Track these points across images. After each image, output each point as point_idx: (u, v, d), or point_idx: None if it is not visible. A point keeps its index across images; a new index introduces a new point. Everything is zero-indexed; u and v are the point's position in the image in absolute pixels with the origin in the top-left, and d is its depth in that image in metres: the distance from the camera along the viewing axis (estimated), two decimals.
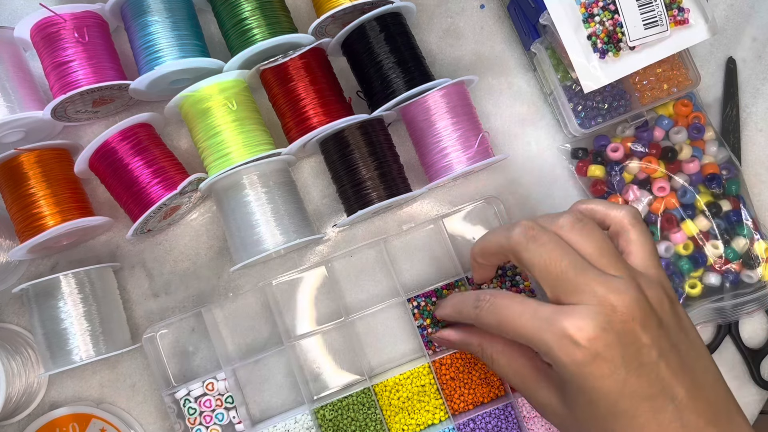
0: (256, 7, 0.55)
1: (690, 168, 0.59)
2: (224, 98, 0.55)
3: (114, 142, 0.55)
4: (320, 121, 0.56)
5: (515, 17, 0.62)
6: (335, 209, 0.62)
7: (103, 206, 0.61)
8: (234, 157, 0.55)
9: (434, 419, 0.59)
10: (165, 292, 0.61)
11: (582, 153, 0.61)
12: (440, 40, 0.64)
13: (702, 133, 0.60)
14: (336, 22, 0.58)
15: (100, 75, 0.55)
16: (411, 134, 0.59)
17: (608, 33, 0.54)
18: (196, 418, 0.58)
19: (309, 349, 0.60)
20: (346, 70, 0.60)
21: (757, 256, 0.58)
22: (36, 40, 0.55)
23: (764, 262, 0.58)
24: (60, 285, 0.55)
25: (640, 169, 0.59)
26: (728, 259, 0.58)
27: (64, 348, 0.55)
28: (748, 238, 0.58)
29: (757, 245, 0.58)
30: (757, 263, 0.58)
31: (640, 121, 0.60)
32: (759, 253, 0.58)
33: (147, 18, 0.55)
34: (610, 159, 0.60)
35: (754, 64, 0.63)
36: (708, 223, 0.58)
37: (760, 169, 0.62)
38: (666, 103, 0.60)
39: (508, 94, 0.63)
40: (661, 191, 0.59)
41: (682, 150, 0.59)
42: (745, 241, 0.58)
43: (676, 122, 0.60)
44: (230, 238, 0.56)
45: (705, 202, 0.59)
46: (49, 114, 0.56)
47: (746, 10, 0.64)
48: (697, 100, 0.61)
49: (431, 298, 0.59)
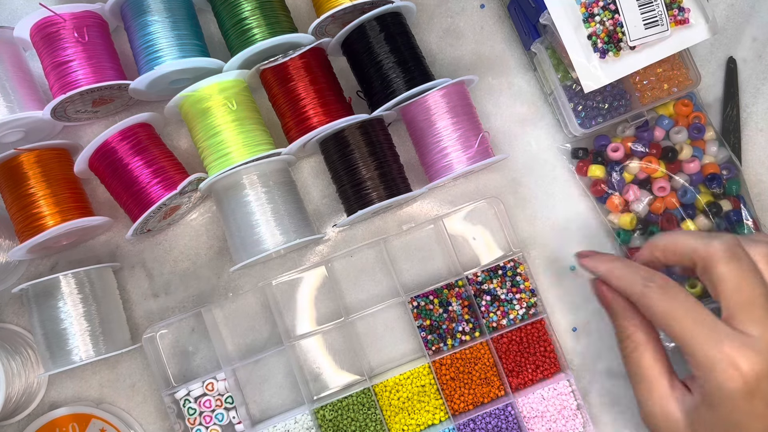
0: (256, 7, 0.55)
1: (690, 168, 0.59)
2: (224, 98, 0.55)
3: (114, 142, 0.55)
4: (320, 121, 0.56)
5: (515, 17, 0.62)
6: (335, 209, 0.62)
7: (103, 206, 0.61)
8: (234, 157, 0.55)
9: (434, 419, 0.59)
10: (165, 292, 0.61)
11: (582, 153, 0.61)
12: (440, 40, 0.63)
13: (702, 133, 0.60)
14: (336, 21, 0.58)
15: (99, 75, 0.55)
16: (411, 134, 0.59)
17: (608, 33, 0.54)
18: (196, 418, 0.58)
19: (309, 349, 0.60)
20: (346, 70, 0.60)
21: None
22: (36, 39, 0.55)
23: None
24: (60, 285, 0.55)
25: (640, 168, 0.59)
26: None
27: (64, 348, 0.55)
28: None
29: None
30: None
31: (641, 121, 0.60)
32: None
33: (147, 18, 0.55)
34: (611, 159, 0.60)
35: (755, 63, 0.63)
36: (708, 222, 0.58)
37: (761, 169, 0.62)
38: (666, 103, 0.60)
39: (508, 93, 0.63)
40: (661, 191, 0.59)
41: (682, 150, 0.59)
42: None
43: (677, 122, 0.60)
44: (230, 238, 0.56)
45: (705, 202, 0.59)
46: (48, 114, 0.56)
47: (746, 10, 0.64)
48: (697, 100, 0.61)
49: (431, 297, 0.59)
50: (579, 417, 0.58)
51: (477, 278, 0.59)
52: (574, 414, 0.58)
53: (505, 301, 0.59)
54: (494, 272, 0.59)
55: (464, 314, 0.59)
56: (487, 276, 0.59)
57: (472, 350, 0.59)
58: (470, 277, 0.59)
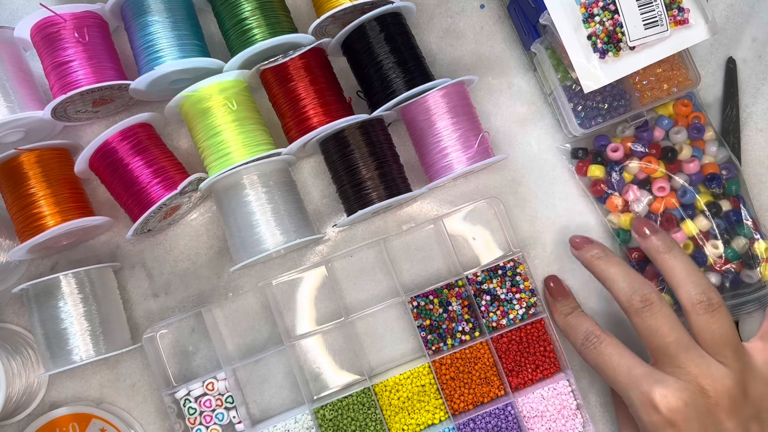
0: (256, 7, 0.55)
1: (690, 168, 0.59)
2: (224, 98, 0.55)
3: (114, 142, 0.55)
4: (320, 121, 0.56)
5: (515, 17, 0.62)
6: (335, 209, 0.62)
7: (103, 206, 0.61)
8: (234, 157, 0.55)
9: (434, 419, 0.59)
10: (165, 292, 0.61)
11: (582, 153, 0.61)
12: (440, 40, 0.63)
13: (702, 133, 0.60)
14: (336, 22, 0.58)
15: (100, 75, 0.55)
16: (411, 134, 0.59)
17: (608, 33, 0.54)
18: (196, 418, 0.58)
19: (309, 349, 0.60)
20: (346, 70, 0.60)
21: (757, 255, 0.58)
22: (36, 40, 0.55)
23: (764, 262, 0.58)
24: (60, 285, 0.55)
25: (639, 169, 0.59)
26: (728, 259, 0.58)
27: (64, 348, 0.55)
28: (747, 238, 0.58)
29: (757, 245, 0.58)
30: (757, 263, 0.58)
31: (640, 121, 0.60)
32: (759, 252, 0.58)
33: (147, 18, 0.55)
34: (610, 159, 0.60)
35: (755, 63, 0.63)
36: (708, 223, 0.58)
37: (760, 169, 0.62)
38: (666, 103, 0.60)
39: (508, 94, 0.63)
40: (661, 191, 0.59)
41: (682, 150, 0.59)
42: (745, 241, 0.58)
43: (676, 122, 0.60)
44: (230, 238, 0.56)
45: (705, 202, 0.59)
46: (49, 114, 0.56)
47: (746, 10, 0.64)
48: (697, 100, 0.61)
49: (431, 297, 0.59)
50: (579, 417, 0.58)
51: (477, 278, 0.59)
52: (574, 414, 0.58)
53: (505, 300, 0.59)
54: (494, 272, 0.59)
55: (464, 314, 0.59)
56: (486, 276, 0.59)
57: (472, 350, 0.59)
58: (470, 277, 0.59)
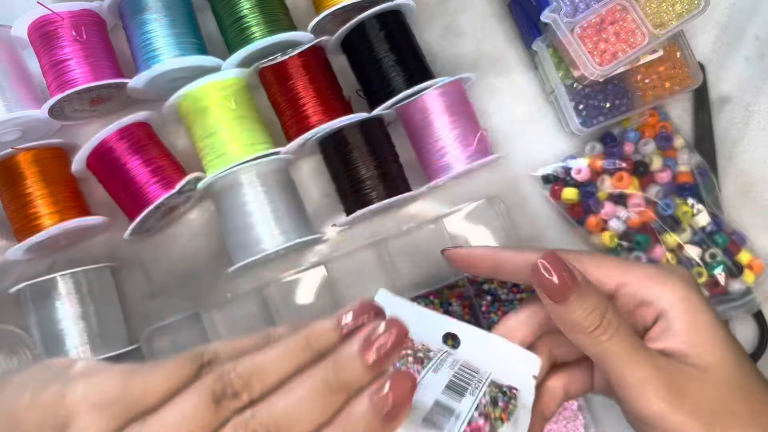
0: (255, 5, 0.55)
1: (663, 178, 0.58)
2: (223, 97, 0.55)
3: (111, 141, 0.55)
4: (319, 120, 0.55)
5: (516, 15, 0.61)
6: (335, 209, 0.61)
7: (101, 206, 0.61)
8: (232, 156, 0.55)
9: None
10: (163, 293, 0.61)
11: (553, 177, 0.60)
12: (441, 39, 0.63)
13: (671, 142, 0.59)
14: (335, 20, 0.58)
15: (97, 73, 0.55)
16: (408, 134, 0.58)
17: None
18: None
19: None
20: (345, 69, 0.59)
21: (739, 263, 0.57)
22: (33, 38, 0.55)
23: (746, 269, 0.57)
24: (57, 285, 0.55)
25: (613, 186, 0.58)
26: (711, 268, 0.57)
27: (62, 349, 0.54)
28: (724, 246, 0.57)
29: (743, 254, 0.57)
30: (740, 270, 0.57)
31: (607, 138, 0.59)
32: (741, 260, 0.57)
33: (145, 16, 0.54)
34: (577, 181, 0.59)
35: (757, 62, 0.63)
36: (687, 234, 0.57)
37: (763, 168, 0.62)
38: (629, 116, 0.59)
39: (509, 92, 0.63)
40: (636, 207, 0.57)
41: (652, 162, 0.58)
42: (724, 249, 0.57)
43: (644, 133, 0.59)
44: (228, 238, 0.56)
45: (682, 213, 0.58)
46: (46, 113, 0.56)
47: (748, 8, 0.64)
48: (661, 109, 0.60)
49: (431, 298, 0.59)
50: (580, 418, 0.58)
51: (477, 278, 0.59)
52: (575, 415, 0.58)
53: (506, 301, 0.59)
54: None
55: (465, 314, 0.59)
56: None
57: None
58: (471, 278, 0.59)
